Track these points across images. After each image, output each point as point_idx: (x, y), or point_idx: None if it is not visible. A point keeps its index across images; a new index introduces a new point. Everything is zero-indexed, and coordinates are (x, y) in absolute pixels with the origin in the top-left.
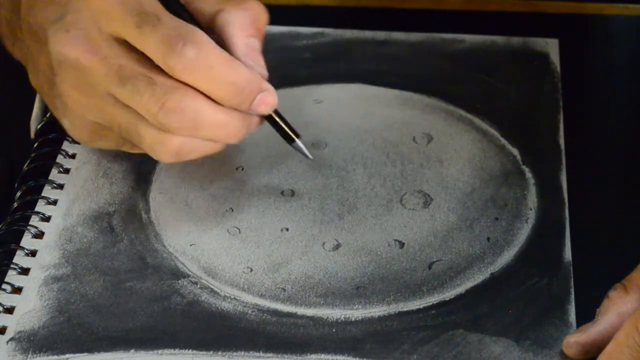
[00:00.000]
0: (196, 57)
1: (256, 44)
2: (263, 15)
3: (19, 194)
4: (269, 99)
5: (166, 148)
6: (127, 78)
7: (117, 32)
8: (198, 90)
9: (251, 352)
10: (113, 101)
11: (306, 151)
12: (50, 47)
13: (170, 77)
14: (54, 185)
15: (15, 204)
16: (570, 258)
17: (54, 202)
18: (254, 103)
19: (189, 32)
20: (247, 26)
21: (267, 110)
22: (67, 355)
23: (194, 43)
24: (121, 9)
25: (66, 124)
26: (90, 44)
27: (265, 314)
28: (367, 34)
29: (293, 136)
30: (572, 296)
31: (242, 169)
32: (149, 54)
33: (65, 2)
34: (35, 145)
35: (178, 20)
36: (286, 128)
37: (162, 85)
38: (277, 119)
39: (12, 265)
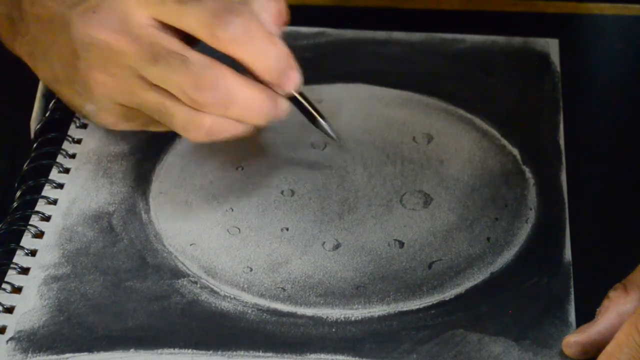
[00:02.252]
0: (243, 27)
1: (280, 33)
2: (287, 11)
3: (19, 193)
4: (295, 77)
5: (198, 127)
6: (161, 56)
7: (151, 11)
8: (229, 69)
9: (251, 352)
10: (143, 82)
11: (331, 132)
12: (74, 30)
13: (203, 55)
14: (54, 185)
15: (15, 204)
16: (570, 258)
17: (54, 202)
18: (283, 79)
19: (234, 4)
20: (276, 15)
21: (293, 86)
22: (67, 355)
23: (241, 14)
24: None
25: (90, 109)
26: (120, 24)
27: (265, 314)
28: (368, 34)
29: (317, 116)
30: (572, 296)
31: (242, 169)
32: (190, 28)
33: None
34: (35, 145)
35: None
36: (310, 108)
37: (196, 63)
38: (302, 100)
39: (12, 265)
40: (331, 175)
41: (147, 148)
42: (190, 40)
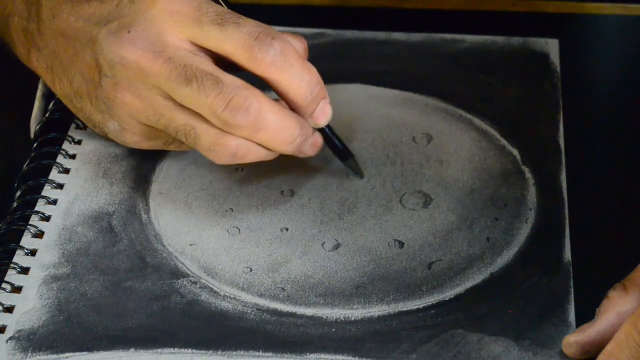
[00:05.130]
0: (283, 51)
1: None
2: (306, 50)
3: (19, 193)
4: (327, 109)
5: (224, 149)
6: (194, 77)
7: (189, 33)
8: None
9: (251, 352)
10: (171, 103)
11: (359, 169)
12: (105, 48)
13: (237, 78)
14: (54, 185)
15: (15, 204)
16: (570, 258)
17: (54, 202)
18: (316, 107)
19: (272, 29)
20: (302, 50)
21: (325, 120)
22: (67, 355)
23: (280, 39)
24: (197, 11)
25: (113, 127)
26: (154, 46)
27: (265, 314)
28: (368, 34)
29: (347, 154)
30: (572, 296)
31: (242, 169)
32: (229, 51)
33: (116, 3)
34: (35, 145)
35: (256, 21)
36: (339, 145)
37: (230, 84)
38: (331, 135)
39: (12, 265)
40: (331, 175)
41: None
42: (224, 66)
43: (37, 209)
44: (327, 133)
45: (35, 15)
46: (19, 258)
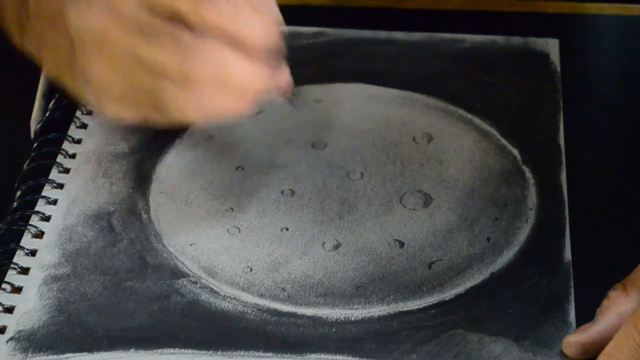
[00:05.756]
0: (228, 3)
1: None
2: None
3: (19, 193)
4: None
5: (194, 105)
6: (151, 35)
7: None
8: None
9: (251, 352)
10: (138, 66)
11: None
12: (71, 22)
13: (195, 34)
14: (54, 185)
15: (15, 204)
16: (570, 258)
17: (54, 202)
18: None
19: None
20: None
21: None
22: (67, 355)
23: None
24: None
25: (91, 99)
26: (112, 11)
27: (265, 314)
28: (367, 33)
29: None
30: (572, 296)
31: (242, 169)
32: (178, 9)
33: None
34: (35, 145)
35: None
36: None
37: (187, 38)
38: None
39: (12, 265)
40: (331, 175)
41: (147, 148)
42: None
43: (37, 208)
44: None
45: (24, 6)
46: (19, 258)
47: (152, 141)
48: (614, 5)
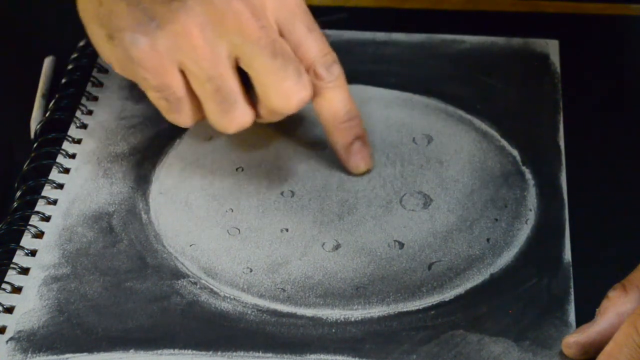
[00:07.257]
0: (341, 75)
1: None
2: None
3: (19, 193)
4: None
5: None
6: (280, 54)
7: (281, 17)
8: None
9: (251, 352)
10: (231, 64)
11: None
12: None
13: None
14: (54, 185)
15: (15, 204)
16: (570, 258)
17: (54, 202)
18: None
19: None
20: None
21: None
22: (67, 355)
23: (339, 65)
24: (297, 5)
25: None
26: (255, 7)
27: (264, 314)
28: (367, 34)
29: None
30: (572, 296)
31: (242, 169)
32: (304, 51)
33: None
34: (35, 145)
35: None
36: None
37: (307, 78)
38: None
39: (12, 265)
40: (331, 176)
41: (147, 149)
42: None
43: (37, 209)
44: None
45: None
46: (19, 258)
47: (152, 141)
48: (614, 5)
